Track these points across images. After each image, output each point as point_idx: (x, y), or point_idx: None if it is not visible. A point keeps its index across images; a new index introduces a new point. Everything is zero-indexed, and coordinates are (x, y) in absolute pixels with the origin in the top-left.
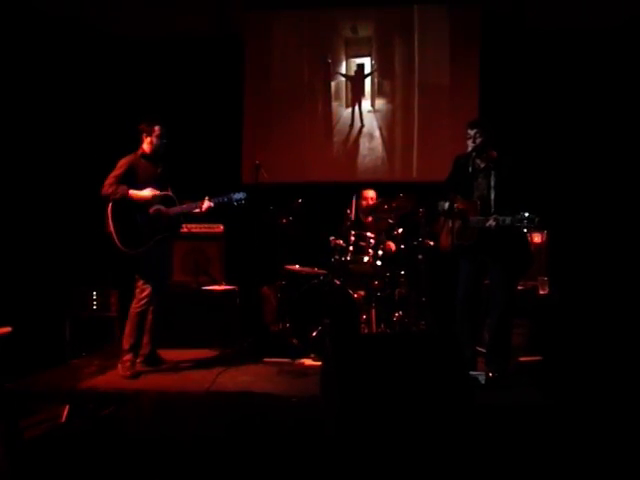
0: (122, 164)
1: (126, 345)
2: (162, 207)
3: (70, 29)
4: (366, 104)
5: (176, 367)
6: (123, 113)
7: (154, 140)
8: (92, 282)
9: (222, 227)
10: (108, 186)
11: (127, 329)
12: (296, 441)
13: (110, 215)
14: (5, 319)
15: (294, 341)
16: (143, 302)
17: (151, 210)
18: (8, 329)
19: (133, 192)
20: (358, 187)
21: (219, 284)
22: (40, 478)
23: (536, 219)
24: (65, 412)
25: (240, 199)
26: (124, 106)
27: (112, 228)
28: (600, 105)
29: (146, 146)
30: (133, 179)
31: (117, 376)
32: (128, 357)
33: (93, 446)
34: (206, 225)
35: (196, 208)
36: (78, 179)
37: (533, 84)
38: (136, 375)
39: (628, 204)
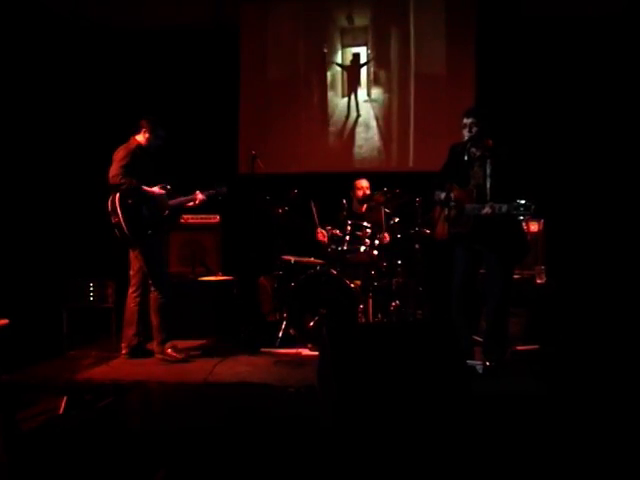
0: (125, 155)
1: (160, 337)
2: (167, 201)
3: (67, 21)
4: (362, 94)
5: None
6: (119, 105)
7: (153, 140)
8: (88, 273)
9: (218, 218)
10: (119, 177)
11: (157, 323)
12: (293, 431)
13: (119, 205)
14: (2, 311)
15: (291, 331)
16: (164, 294)
17: (165, 210)
18: (5, 321)
19: (145, 187)
20: (354, 177)
21: (216, 275)
22: (38, 470)
23: (532, 207)
24: (62, 404)
25: (223, 193)
26: (120, 98)
27: (121, 217)
28: (597, 94)
29: (142, 140)
30: (133, 170)
31: (114, 367)
32: (169, 345)
33: (91, 437)
34: (202, 216)
35: (190, 201)
36: (73, 171)
37: (530, 73)
38: (190, 358)
39: (624, 193)
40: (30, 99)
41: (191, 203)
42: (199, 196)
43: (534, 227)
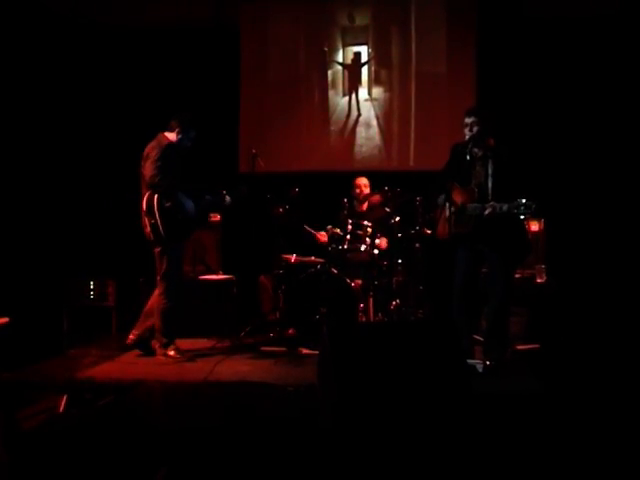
0: (159, 154)
1: (163, 340)
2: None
3: (67, 20)
4: (363, 93)
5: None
6: (119, 104)
7: (185, 141)
8: (89, 272)
9: (219, 216)
10: (157, 177)
11: (160, 325)
12: (293, 430)
13: (157, 207)
14: (2, 309)
15: (291, 330)
16: (171, 297)
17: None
18: (5, 319)
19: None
20: (355, 176)
21: (216, 273)
22: (38, 469)
23: (533, 205)
24: (63, 402)
25: (245, 193)
26: (120, 97)
27: (159, 220)
28: (598, 93)
29: (174, 138)
30: (166, 170)
31: (115, 366)
32: (172, 347)
33: (91, 436)
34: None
35: (221, 202)
36: (74, 170)
37: (530, 72)
38: (191, 358)
39: (625, 192)
40: (30, 98)
41: (222, 204)
42: (227, 199)
43: (535, 226)
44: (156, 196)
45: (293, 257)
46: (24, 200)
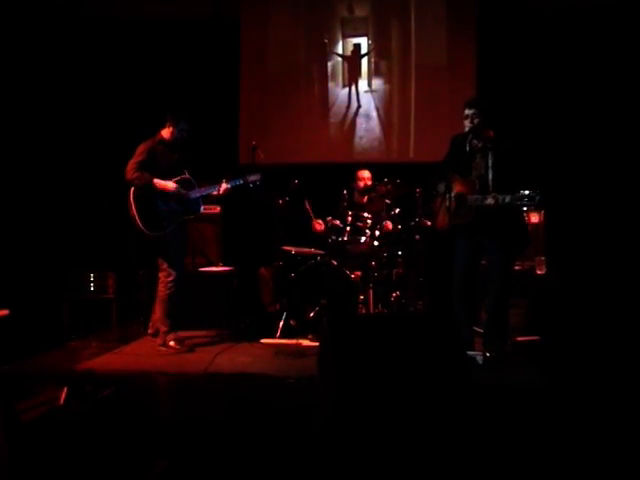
0: (142, 150)
1: (164, 328)
2: (183, 191)
3: (66, 11)
4: (363, 84)
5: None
6: (118, 96)
7: (177, 133)
8: (89, 264)
9: (219, 208)
10: (132, 172)
11: (159, 314)
12: (293, 422)
13: (132, 199)
14: (3, 302)
15: (291, 322)
16: (171, 285)
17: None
18: (5, 312)
19: (157, 181)
20: (355, 167)
21: (216, 265)
22: (38, 460)
23: (537, 197)
24: (63, 394)
25: (255, 180)
26: (119, 89)
27: (135, 211)
28: (598, 86)
29: (166, 134)
30: (152, 165)
31: (115, 358)
32: (171, 337)
33: (91, 428)
34: (203, 206)
35: (214, 191)
36: (73, 163)
37: (530, 63)
38: (191, 348)
39: (625, 184)
40: (31, 91)
41: (215, 193)
42: (223, 185)
43: (535, 218)
44: (132, 190)
45: (293, 249)
46: (25, 193)
